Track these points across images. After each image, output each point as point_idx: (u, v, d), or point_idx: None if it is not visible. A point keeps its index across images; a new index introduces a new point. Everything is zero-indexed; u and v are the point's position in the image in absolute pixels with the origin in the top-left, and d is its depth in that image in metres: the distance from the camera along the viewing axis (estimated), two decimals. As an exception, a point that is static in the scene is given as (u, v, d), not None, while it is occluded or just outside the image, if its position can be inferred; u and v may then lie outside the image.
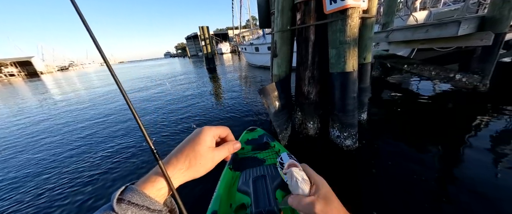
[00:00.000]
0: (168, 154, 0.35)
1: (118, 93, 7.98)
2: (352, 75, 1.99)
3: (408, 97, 3.98)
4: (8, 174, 2.80)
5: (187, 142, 0.36)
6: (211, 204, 1.34)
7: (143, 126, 0.34)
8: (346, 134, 2.16)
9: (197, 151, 0.34)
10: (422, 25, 3.35)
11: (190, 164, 0.34)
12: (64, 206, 2.06)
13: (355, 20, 1.84)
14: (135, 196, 0.28)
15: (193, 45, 51.16)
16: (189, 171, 0.34)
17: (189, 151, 0.34)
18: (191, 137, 0.36)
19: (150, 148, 0.34)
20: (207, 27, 13.93)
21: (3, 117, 6.50)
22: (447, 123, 2.76)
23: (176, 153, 0.34)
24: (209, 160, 0.36)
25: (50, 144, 3.75)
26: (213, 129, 0.38)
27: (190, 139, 0.36)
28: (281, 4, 2.14)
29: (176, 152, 0.35)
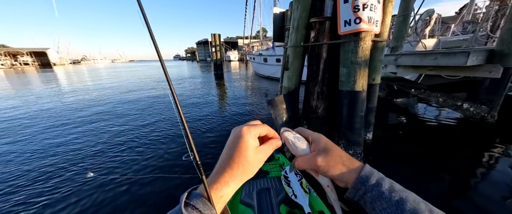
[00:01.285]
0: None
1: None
2: (361, 95, 2.03)
3: (414, 121, 3.97)
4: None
5: (233, 148, 0.36)
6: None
7: (191, 137, 0.35)
8: (351, 151, 2.16)
9: (247, 156, 0.35)
10: (431, 52, 3.42)
11: (244, 169, 0.35)
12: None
13: (367, 42, 1.92)
14: (199, 202, 0.31)
15: (203, 51, 52.60)
16: (244, 176, 0.35)
17: (239, 157, 0.34)
18: (235, 141, 0.36)
19: (197, 163, 0.35)
20: (219, 34, 14.42)
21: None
22: (453, 151, 2.73)
23: (227, 161, 0.35)
24: (259, 160, 0.37)
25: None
26: (252, 128, 0.37)
27: (234, 143, 0.36)
28: (297, 21, 2.25)
29: (226, 159, 0.35)
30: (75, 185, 2.26)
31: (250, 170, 0.36)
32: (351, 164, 0.37)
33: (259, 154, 0.37)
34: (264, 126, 0.40)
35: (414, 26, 5.00)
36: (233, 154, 0.35)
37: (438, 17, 5.33)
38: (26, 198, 2.08)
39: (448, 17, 9.02)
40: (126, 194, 2.09)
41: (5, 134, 3.86)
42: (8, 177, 2.43)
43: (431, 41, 5.32)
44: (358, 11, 1.79)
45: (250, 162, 0.35)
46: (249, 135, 0.36)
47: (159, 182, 2.26)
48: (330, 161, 0.37)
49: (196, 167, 0.36)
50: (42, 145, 3.34)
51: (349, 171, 0.36)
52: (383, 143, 3.05)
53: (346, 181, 0.37)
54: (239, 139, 0.36)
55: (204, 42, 47.61)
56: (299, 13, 2.22)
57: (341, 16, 1.89)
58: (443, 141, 3.03)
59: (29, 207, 1.95)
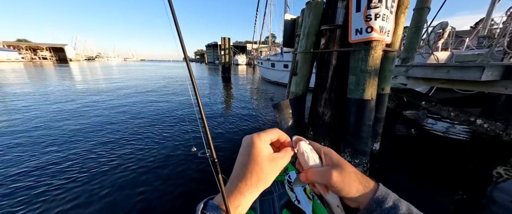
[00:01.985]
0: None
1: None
2: (369, 104, 2.01)
3: (423, 134, 3.85)
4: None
5: (246, 157, 0.34)
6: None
7: (209, 135, 0.35)
8: (357, 160, 2.12)
9: (260, 164, 0.33)
10: (443, 65, 3.35)
11: (258, 178, 0.33)
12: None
13: (378, 51, 1.91)
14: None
15: (212, 53, 53.60)
16: (259, 185, 0.33)
17: (253, 166, 0.33)
18: (247, 150, 0.34)
19: (218, 181, 0.34)
20: (229, 38, 14.69)
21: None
22: (463, 167, 2.63)
23: (241, 170, 0.34)
24: (275, 168, 0.35)
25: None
26: (262, 135, 0.36)
27: (247, 152, 0.34)
28: (308, 28, 2.28)
29: (240, 169, 0.34)
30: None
31: (265, 179, 0.34)
32: (366, 182, 0.34)
33: (274, 162, 0.35)
34: (274, 130, 0.38)
35: (426, 38, 4.93)
36: (246, 163, 0.33)
37: (452, 30, 5.23)
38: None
39: (463, 31, 8.85)
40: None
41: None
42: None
43: (444, 54, 5.21)
44: (370, 20, 1.80)
45: (264, 170, 0.33)
46: (260, 141, 0.35)
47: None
48: (346, 177, 0.33)
49: (212, 165, 0.36)
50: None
51: (365, 190, 0.33)
52: (391, 154, 2.98)
53: (360, 201, 0.33)
54: (251, 146, 0.34)
55: (214, 45, 48.57)
56: (310, 20, 2.25)
57: (353, 25, 1.90)
58: (453, 156, 2.92)
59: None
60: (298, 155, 0.38)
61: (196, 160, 2.66)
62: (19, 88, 8.06)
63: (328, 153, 0.38)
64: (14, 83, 9.60)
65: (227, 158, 2.79)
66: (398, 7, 2.08)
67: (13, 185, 2.16)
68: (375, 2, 1.75)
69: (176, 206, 1.94)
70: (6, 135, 3.46)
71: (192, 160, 2.68)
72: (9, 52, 36.04)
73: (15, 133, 3.55)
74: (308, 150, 0.38)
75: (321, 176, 0.35)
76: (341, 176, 0.33)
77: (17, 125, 3.93)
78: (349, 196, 0.34)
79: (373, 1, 1.75)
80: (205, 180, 2.30)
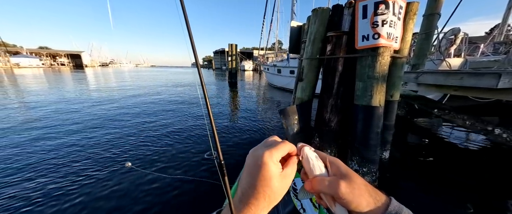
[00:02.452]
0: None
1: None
2: (377, 110, 1.97)
3: (437, 143, 3.68)
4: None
5: (255, 177, 0.32)
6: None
7: (217, 138, 0.35)
8: (365, 169, 2.05)
9: (272, 186, 0.31)
10: (456, 72, 3.24)
11: (270, 199, 0.32)
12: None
13: (386, 58, 1.89)
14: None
15: (219, 59, 54.68)
16: (270, 205, 0.33)
17: (264, 187, 0.31)
18: (256, 169, 0.32)
19: (223, 183, 0.33)
20: (236, 45, 14.99)
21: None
22: (480, 179, 2.47)
23: (251, 190, 0.32)
24: (285, 186, 0.34)
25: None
26: (274, 152, 0.33)
27: (256, 171, 0.32)
28: (314, 35, 2.30)
29: (249, 188, 0.32)
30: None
31: (276, 198, 0.33)
32: (377, 195, 0.32)
33: (284, 180, 0.33)
34: (284, 144, 0.35)
35: (437, 45, 4.81)
36: (257, 184, 0.31)
37: (465, 36, 5.08)
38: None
39: (477, 37, 8.56)
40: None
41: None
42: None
43: (457, 61, 5.04)
44: (377, 26, 1.79)
45: (276, 191, 0.32)
46: (272, 161, 0.32)
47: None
48: (355, 189, 0.31)
49: (218, 167, 0.35)
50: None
51: (376, 204, 0.31)
52: (402, 163, 2.86)
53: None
54: (261, 167, 0.31)
55: (221, 51, 49.64)
56: (316, 27, 2.27)
57: (359, 31, 1.90)
58: (469, 167, 2.75)
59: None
60: (303, 162, 0.36)
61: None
62: (44, 95, 8.53)
63: (334, 162, 0.35)
64: (43, 89, 10.18)
65: (233, 161, 2.79)
66: (406, 14, 2.06)
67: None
68: (382, 9, 1.75)
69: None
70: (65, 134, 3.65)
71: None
72: (31, 59, 38.53)
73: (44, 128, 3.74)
74: (313, 156, 0.36)
75: (328, 186, 0.32)
76: (350, 187, 0.31)
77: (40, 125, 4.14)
78: (358, 210, 0.31)
79: (379, 7, 1.75)
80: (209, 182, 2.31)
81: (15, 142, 3.36)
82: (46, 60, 44.29)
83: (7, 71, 23.61)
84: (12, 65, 33.72)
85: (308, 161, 0.35)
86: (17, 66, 34.52)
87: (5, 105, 6.01)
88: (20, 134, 3.73)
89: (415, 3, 2.02)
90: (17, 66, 34.52)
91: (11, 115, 5.02)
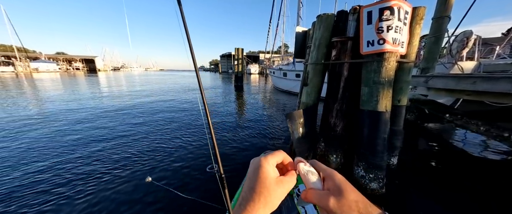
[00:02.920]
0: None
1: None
2: (384, 116, 1.95)
3: (449, 149, 3.54)
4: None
5: (253, 179, 0.35)
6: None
7: (217, 150, 0.37)
8: (372, 175, 2.02)
9: (268, 186, 0.34)
10: (468, 76, 3.14)
11: (266, 201, 0.34)
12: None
13: (391, 63, 1.88)
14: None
15: (226, 63, 55.43)
16: (266, 208, 0.34)
17: (260, 188, 0.34)
18: (254, 172, 0.35)
19: (224, 196, 0.34)
20: (242, 49, 15.18)
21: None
22: (494, 188, 2.35)
23: (249, 192, 0.34)
24: (282, 191, 0.35)
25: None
26: (269, 158, 0.37)
27: (254, 174, 0.35)
28: (319, 40, 2.32)
29: (247, 191, 0.34)
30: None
31: (272, 202, 0.34)
32: (371, 211, 0.32)
33: (281, 185, 0.35)
34: (279, 152, 0.39)
35: (448, 48, 4.68)
36: (254, 185, 0.34)
37: (478, 38, 4.90)
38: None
39: (493, 39, 8.20)
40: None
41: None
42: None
43: (470, 64, 4.86)
44: (382, 32, 1.79)
45: (272, 193, 0.34)
46: (267, 164, 0.36)
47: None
48: (344, 206, 0.32)
49: (219, 180, 0.37)
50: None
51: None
52: (412, 169, 2.78)
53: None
54: (258, 170, 0.35)
55: (228, 55, 50.38)
56: (321, 33, 2.30)
57: (364, 37, 1.91)
58: (483, 175, 2.63)
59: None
60: (301, 175, 0.39)
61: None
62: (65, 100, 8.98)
63: (330, 176, 0.37)
64: (62, 94, 10.71)
65: (235, 172, 2.73)
66: (413, 18, 2.05)
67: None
68: (387, 15, 1.75)
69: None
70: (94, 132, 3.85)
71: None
72: (49, 64, 40.76)
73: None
74: (306, 171, 0.38)
75: (319, 199, 0.34)
76: (339, 203, 0.32)
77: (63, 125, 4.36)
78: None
79: (384, 13, 1.75)
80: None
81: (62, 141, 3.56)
82: (63, 65, 46.62)
83: (27, 76, 25.06)
84: (31, 70, 35.76)
85: (304, 176, 0.38)
86: (36, 71, 36.55)
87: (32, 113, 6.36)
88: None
89: (422, 8, 2.00)
90: (36, 71, 36.55)
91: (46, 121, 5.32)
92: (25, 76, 23.54)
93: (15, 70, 32.66)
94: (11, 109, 6.27)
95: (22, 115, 5.54)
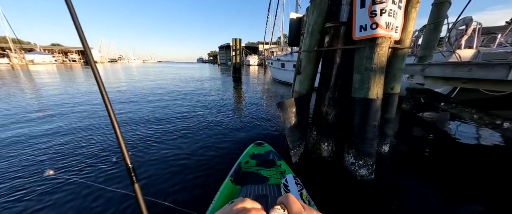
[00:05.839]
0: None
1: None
2: (374, 103, 1.93)
3: (442, 138, 3.57)
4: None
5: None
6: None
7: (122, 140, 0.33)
8: (361, 162, 2.05)
9: None
10: (465, 63, 3.09)
11: None
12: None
13: (384, 49, 1.83)
14: None
15: (224, 54, 54.58)
16: None
17: None
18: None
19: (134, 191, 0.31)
20: (240, 39, 14.85)
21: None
22: (487, 177, 2.39)
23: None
24: None
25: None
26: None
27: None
28: (312, 26, 2.25)
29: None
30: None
31: None
32: None
33: None
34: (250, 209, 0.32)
35: (446, 35, 4.57)
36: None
37: (477, 26, 4.78)
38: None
39: (495, 27, 8.02)
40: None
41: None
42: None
43: (468, 52, 4.78)
44: (375, 16, 1.73)
45: None
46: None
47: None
48: None
49: (128, 173, 0.33)
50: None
51: None
52: (404, 158, 2.81)
53: None
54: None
55: (226, 46, 49.47)
56: (315, 18, 2.22)
57: (357, 21, 1.85)
58: (475, 164, 2.67)
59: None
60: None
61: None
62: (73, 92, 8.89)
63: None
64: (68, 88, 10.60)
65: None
66: (408, 2, 1.98)
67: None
68: (380, -3, 1.68)
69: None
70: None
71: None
72: (45, 56, 40.04)
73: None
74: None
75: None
76: None
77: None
78: None
79: (378, -4, 1.68)
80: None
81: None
82: (59, 57, 45.86)
83: (23, 68, 24.69)
84: (27, 61, 35.19)
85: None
86: (31, 62, 35.99)
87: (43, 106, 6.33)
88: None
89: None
90: (31, 62, 35.99)
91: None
92: (21, 69, 23.19)
93: (10, 62, 32.15)
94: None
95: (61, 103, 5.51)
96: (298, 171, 2.03)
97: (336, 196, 1.96)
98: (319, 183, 2.13)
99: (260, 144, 2.31)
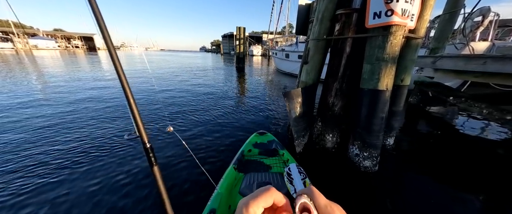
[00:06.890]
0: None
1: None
2: (384, 95, 1.89)
3: (449, 133, 3.53)
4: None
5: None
6: (210, 201, 1.33)
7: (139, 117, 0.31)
8: (366, 153, 2.04)
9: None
10: (479, 56, 2.97)
11: None
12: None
13: (398, 38, 1.76)
14: None
15: (227, 44, 53.61)
16: None
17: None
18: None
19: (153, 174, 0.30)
20: (244, 28, 14.49)
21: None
22: (493, 171, 2.38)
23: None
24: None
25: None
26: (251, 204, 0.32)
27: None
28: (322, 13, 2.16)
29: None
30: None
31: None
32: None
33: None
34: (268, 193, 0.33)
35: (461, 26, 4.36)
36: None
37: (495, 17, 4.54)
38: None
39: (512, 19, 7.62)
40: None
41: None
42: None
43: (482, 45, 4.58)
44: (391, 2, 1.64)
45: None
46: (253, 209, 0.31)
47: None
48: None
49: (145, 152, 0.32)
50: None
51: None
52: (409, 152, 2.80)
53: None
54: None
55: (230, 35, 48.42)
56: (325, 4, 2.12)
57: (371, 7, 1.76)
58: (482, 159, 2.65)
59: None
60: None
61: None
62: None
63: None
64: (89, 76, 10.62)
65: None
66: (427, -13, 1.86)
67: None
68: (398, -19, 1.58)
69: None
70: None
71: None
72: (48, 41, 39.84)
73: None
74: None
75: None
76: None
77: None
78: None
79: (395, -20, 1.58)
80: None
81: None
82: (61, 42, 45.66)
83: (27, 53, 24.66)
84: (31, 47, 35.15)
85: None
86: (35, 48, 35.96)
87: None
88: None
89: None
90: (35, 48, 35.96)
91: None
92: (26, 54, 23.21)
93: (14, 47, 32.17)
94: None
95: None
96: (301, 161, 2.04)
97: (339, 185, 1.99)
98: (322, 173, 2.15)
99: (262, 133, 2.32)
